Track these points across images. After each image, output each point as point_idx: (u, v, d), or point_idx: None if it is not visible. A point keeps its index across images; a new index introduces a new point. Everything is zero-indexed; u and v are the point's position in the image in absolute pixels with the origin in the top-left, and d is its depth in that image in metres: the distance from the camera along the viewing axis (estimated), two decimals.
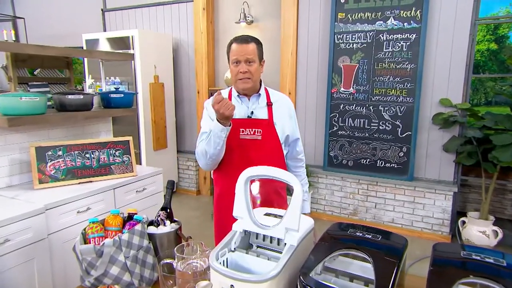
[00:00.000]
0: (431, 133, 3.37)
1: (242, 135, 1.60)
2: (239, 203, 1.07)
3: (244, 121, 1.61)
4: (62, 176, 2.25)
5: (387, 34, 3.37)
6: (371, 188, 3.65)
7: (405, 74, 3.34)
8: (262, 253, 1.06)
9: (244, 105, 1.65)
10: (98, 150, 2.40)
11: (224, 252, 1.02)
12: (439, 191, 3.31)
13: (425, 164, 3.44)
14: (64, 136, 2.53)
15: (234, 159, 1.59)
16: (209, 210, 4.05)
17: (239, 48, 1.54)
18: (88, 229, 1.12)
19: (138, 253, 1.12)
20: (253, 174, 1.07)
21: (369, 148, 3.61)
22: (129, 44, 4.08)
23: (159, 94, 4.29)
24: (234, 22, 4.16)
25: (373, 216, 3.67)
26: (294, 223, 0.99)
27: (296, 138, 1.73)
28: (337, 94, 3.70)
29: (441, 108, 3.28)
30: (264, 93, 1.67)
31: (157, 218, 1.28)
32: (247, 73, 1.55)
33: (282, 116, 1.65)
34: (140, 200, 2.51)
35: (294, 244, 0.98)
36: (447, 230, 3.34)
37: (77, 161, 2.32)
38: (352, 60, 3.57)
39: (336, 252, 0.93)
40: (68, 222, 2.05)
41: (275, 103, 1.66)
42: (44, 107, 2.18)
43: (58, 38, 5.28)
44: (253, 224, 1.05)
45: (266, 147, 1.60)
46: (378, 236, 0.99)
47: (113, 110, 2.55)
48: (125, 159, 2.47)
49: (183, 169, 4.76)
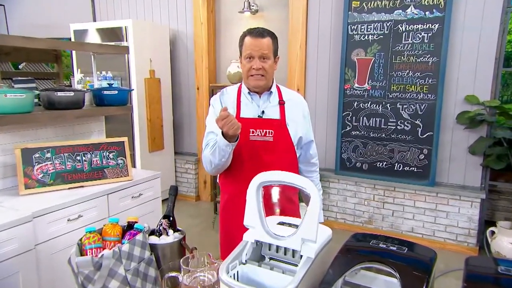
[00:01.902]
0: (455, 134, 3.37)
1: (252, 136, 1.60)
2: (251, 211, 1.07)
3: (255, 120, 1.62)
4: (50, 181, 2.27)
5: (406, 24, 3.37)
6: (388, 194, 3.64)
7: (426, 69, 3.34)
8: (275, 265, 1.07)
9: (254, 103, 1.66)
10: (90, 152, 2.42)
11: (234, 265, 1.02)
12: (465, 198, 3.30)
13: (448, 167, 3.43)
14: (52, 137, 2.54)
15: (243, 162, 1.60)
16: (210, 218, 4.05)
17: (254, 42, 1.55)
18: (84, 239, 1.12)
19: (140, 266, 1.13)
20: (266, 180, 1.07)
21: (386, 150, 3.61)
22: (122, 35, 4.09)
23: (155, 90, 4.31)
24: (237, 12, 4.17)
25: (390, 225, 3.67)
26: (312, 233, 0.99)
27: (310, 140, 1.74)
28: (350, 91, 3.69)
29: (466, 105, 3.28)
30: (276, 91, 1.68)
31: (159, 227, 1.29)
32: (261, 70, 1.56)
33: (295, 116, 1.66)
34: (136, 206, 2.52)
35: (312, 256, 0.99)
36: (474, 241, 3.33)
37: (67, 164, 2.34)
38: (368, 53, 3.57)
39: (358, 266, 0.94)
40: (57, 231, 2.06)
41: (287, 102, 1.67)
42: (31, 105, 2.19)
43: (42, 28, 5.28)
44: (266, 234, 1.05)
45: (278, 149, 1.61)
46: (404, 248, 0.99)
47: (106, 108, 2.57)
48: (119, 162, 2.48)
49: (181, 172, 4.77)
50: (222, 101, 1.72)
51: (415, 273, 0.88)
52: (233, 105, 1.67)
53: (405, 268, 0.89)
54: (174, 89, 4.70)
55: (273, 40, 1.60)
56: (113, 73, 4.18)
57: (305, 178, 1.04)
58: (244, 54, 1.58)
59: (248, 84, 1.64)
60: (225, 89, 1.79)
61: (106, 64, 4.12)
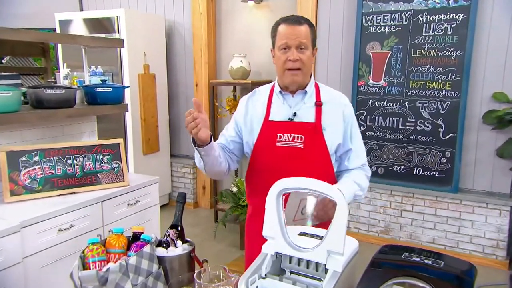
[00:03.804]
0: (481, 135, 3.38)
1: (279, 141, 1.55)
2: (270, 221, 1.08)
3: (284, 124, 1.57)
4: (39, 187, 2.27)
5: (427, 15, 3.38)
6: (406, 201, 3.65)
7: (449, 63, 3.35)
8: (298, 280, 1.08)
9: (286, 104, 1.61)
10: (83, 155, 2.43)
11: (254, 279, 1.03)
12: (492, 206, 3.31)
13: (473, 172, 3.44)
14: (40, 138, 2.54)
15: (268, 171, 1.55)
16: (210, 227, 4.06)
17: (290, 30, 1.50)
18: (87, 251, 1.13)
19: (147, 281, 1.14)
20: (286, 187, 1.08)
21: (404, 152, 3.61)
22: (113, 26, 4.10)
23: (149, 87, 4.32)
24: (240, 1, 4.18)
25: (409, 235, 3.67)
26: (338, 245, 1.00)
27: (348, 149, 1.63)
28: (365, 88, 3.71)
29: (494, 104, 3.28)
30: (313, 89, 1.62)
31: (166, 238, 1.30)
32: (298, 62, 1.51)
33: (334, 119, 1.58)
34: (132, 215, 2.53)
35: (339, 270, 1.00)
36: (503, 254, 3.33)
37: (57, 169, 2.34)
38: (384, 47, 3.58)
39: (391, 281, 0.94)
40: (47, 243, 2.06)
41: (326, 104, 1.59)
42: (17, 103, 2.20)
43: (23, 18, 5.28)
44: (288, 245, 1.06)
45: (309, 158, 1.54)
46: (440, 261, 1.00)
47: (100, 107, 2.58)
48: (114, 166, 2.49)
49: (177, 177, 4.78)
50: (250, 104, 1.68)
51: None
52: (263, 107, 1.63)
53: (444, 285, 0.90)
54: (170, 86, 4.71)
55: (311, 28, 1.54)
56: (104, 68, 4.17)
57: (330, 185, 1.05)
58: (279, 44, 1.52)
59: (283, 81, 1.58)
60: (257, 88, 1.74)
61: (95, 58, 4.11)
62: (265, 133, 1.59)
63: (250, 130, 1.63)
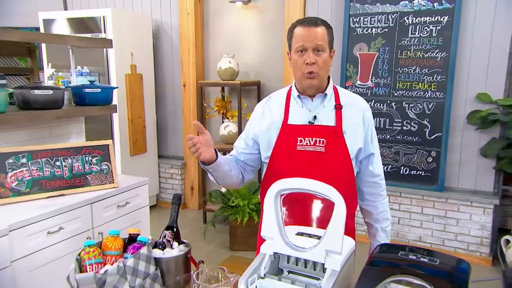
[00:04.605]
0: (465, 135, 3.45)
1: (299, 145, 1.52)
2: (268, 221, 1.09)
3: (304, 127, 1.54)
4: (26, 189, 2.24)
5: (413, 17, 3.43)
6: (393, 200, 3.70)
7: (434, 65, 3.41)
8: (296, 279, 1.09)
9: (305, 108, 1.58)
10: (71, 157, 2.40)
11: (253, 279, 1.03)
12: (476, 204, 3.38)
13: (458, 171, 3.51)
14: (26, 140, 2.51)
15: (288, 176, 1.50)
16: (199, 228, 4.04)
17: (306, 32, 1.47)
18: (84, 254, 1.12)
19: (145, 282, 1.13)
20: (284, 188, 1.09)
21: (391, 152, 3.67)
22: (99, 26, 4.06)
23: (137, 87, 4.28)
24: (228, 1, 4.18)
25: (396, 234, 3.72)
26: (337, 244, 1.02)
27: (371, 154, 1.60)
28: (352, 89, 3.74)
29: (478, 104, 3.35)
30: (332, 93, 1.59)
31: (162, 240, 1.29)
32: (314, 66, 1.47)
33: (354, 123, 1.56)
34: (122, 216, 2.51)
35: (337, 269, 1.01)
36: (487, 251, 3.41)
37: (45, 171, 2.31)
38: (371, 48, 3.63)
39: (389, 279, 0.96)
40: (36, 246, 2.03)
41: (346, 107, 1.56)
42: (4, 104, 2.17)
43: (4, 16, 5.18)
44: (286, 245, 1.07)
45: (331, 162, 1.51)
46: (435, 259, 1.02)
47: (89, 108, 2.55)
48: (104, 167, 2.47)
49: (165, 177, 4.75)
50: (267, 109, 1.65)
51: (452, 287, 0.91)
52: (281, 111, 1.60)
53: (440, 282, 0.92)
54: (157, 86, 4.68)
55: (328, 29, 1.51)
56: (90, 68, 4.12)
57: (327, 185, 1.06)
58: (295, 47, 1.50)
59: (300, 85, 1.56)
60: (272, 94, 1.71)
61: (81, 58, 4.04)
62: (284, 137, 1.55)
63: (268, 135, 1.59)
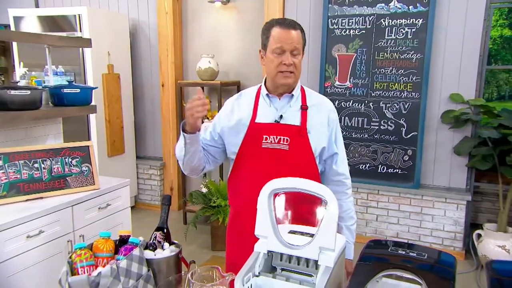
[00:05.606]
0: (440, 134, 3.56)
1: (265, 143, 1.56)
2: (262, 220, 1.10)
3: (269, 126, 1.58)
4: (3, 192, 2.19)
5: (389, 19, 3.52)
6: (372, 197, 3.78)
7: (410, 66, 3.50)
8: (290, 276, 1.10)
9: (272, 106, 1.62)
10: (50, 159, 2.34)
11: (248, 278, 1.05)
12: (450, 200, 3.50)
13: (433, 169, 3.62)
14: (2, 142, 2.44)
15: (252, 172, 1.57)
16: (179, 229, 4.01)
17: (285, 34, 1.50)
18: (75, 256, 1.10)
19: (138, 283, 1.13)
20: (278, 187, 1.11)
21: (369, 151, 3.74)
22: (73, 25, 3.97)
23: (114, 87, 4.21)
24: (207, 1, 4.17)
25: (375, 230, 3.81)
26: (330, 241, 1.04)
27: (334, 153, 1.65)
28: (331, 89, 3.80)
29: (451, 104, 3.47)
30: (299, 94, 1.64)
31: (153, 241, 1.29)
32: (292, 67, 1.52)
33: (319, 123, 1.61)
34: (103, 218, 2.48)
35: (331, 266, 1.03)
36: (460, 245, 3.53)
37: (23, 173, 2.26)
38: (349, 49, 3.70)
39: (381, 273, 0.99)
40: (15, 250, 1.99)
41: (312, 108, 1.62)
42: None
43: None
44: (280, 243, 1.09)
45: (294, 160, 1.55)
46: (423, 254, 1.06)
47: (67, 109, 2.50)
48: (84, 169, 2.43)
49: (144, 179, 4.69)
50: (236, 106, 1.68)
51: (440, 280, 0.95)
52: (249, 109, 1.64)
53: (429, 275, 0.96)
54: (135, 87, 4.62)
55: (302, 33, 1.56)
56: (65, 67, 4.03)
57: (321, 185, 1.09)
58: (273, 47, 1.52)
59: (274, 83, 1.59)
60: (243, 91, 1.75)
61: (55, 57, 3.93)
62: (251, 135, 1.59)
63: (236, 131, 1.62)
